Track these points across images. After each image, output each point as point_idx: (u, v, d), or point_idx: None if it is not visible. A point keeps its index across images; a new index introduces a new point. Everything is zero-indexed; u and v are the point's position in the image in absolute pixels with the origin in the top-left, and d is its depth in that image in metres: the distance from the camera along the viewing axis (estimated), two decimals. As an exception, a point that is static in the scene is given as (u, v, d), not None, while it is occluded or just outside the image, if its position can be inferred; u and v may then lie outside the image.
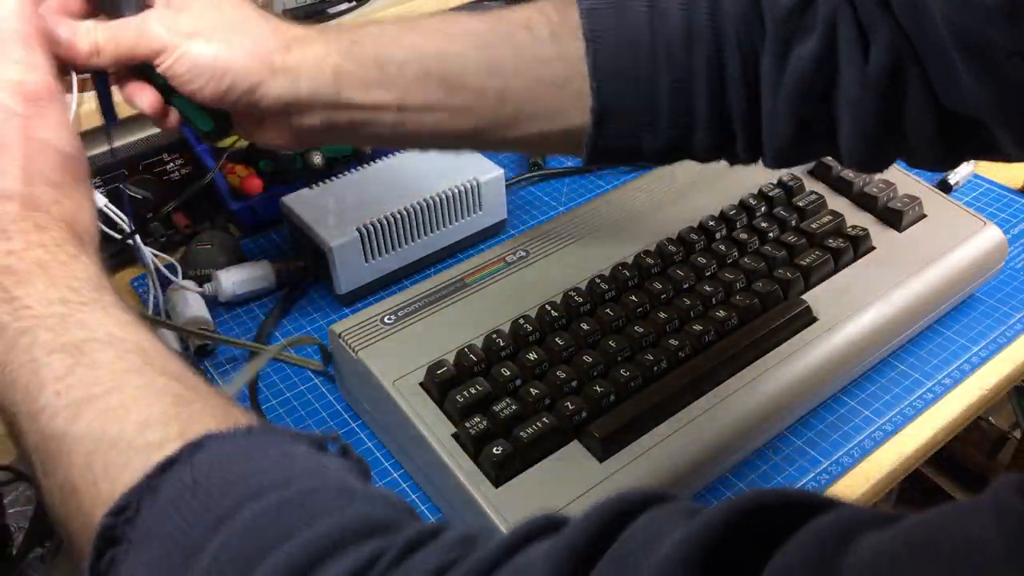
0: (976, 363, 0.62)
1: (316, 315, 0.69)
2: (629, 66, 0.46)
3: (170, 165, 0.72)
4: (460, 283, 0.60)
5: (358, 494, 0.31)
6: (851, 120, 0.43)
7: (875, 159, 0.46)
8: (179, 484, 0.31)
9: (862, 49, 0.42)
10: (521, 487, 0.49)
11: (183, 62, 0.45)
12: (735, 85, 0.45)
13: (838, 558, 0.21)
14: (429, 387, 0.53)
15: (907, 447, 0.57)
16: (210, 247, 0.71)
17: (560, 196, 0.81)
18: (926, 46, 0.41)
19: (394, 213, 0.68)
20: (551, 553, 0.25)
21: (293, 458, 0.33)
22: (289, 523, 0.29)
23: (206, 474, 0.31)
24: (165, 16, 0.46)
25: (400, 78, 0.46)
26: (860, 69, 0.42)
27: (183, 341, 0.66)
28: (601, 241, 0.64)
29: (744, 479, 0.55)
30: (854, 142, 0.44)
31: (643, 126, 0.47)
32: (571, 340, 0.56)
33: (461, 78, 0.46)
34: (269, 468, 0.32)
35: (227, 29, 0.46)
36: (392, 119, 0.47)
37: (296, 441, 0.34)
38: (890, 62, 0.41)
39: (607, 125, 0.47)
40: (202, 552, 0.29)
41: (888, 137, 0.44)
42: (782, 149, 0.47)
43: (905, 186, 0.68)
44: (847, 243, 0.63)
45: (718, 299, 0.59)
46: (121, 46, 0.46)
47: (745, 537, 0.22)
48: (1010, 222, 0.75)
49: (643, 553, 0.23)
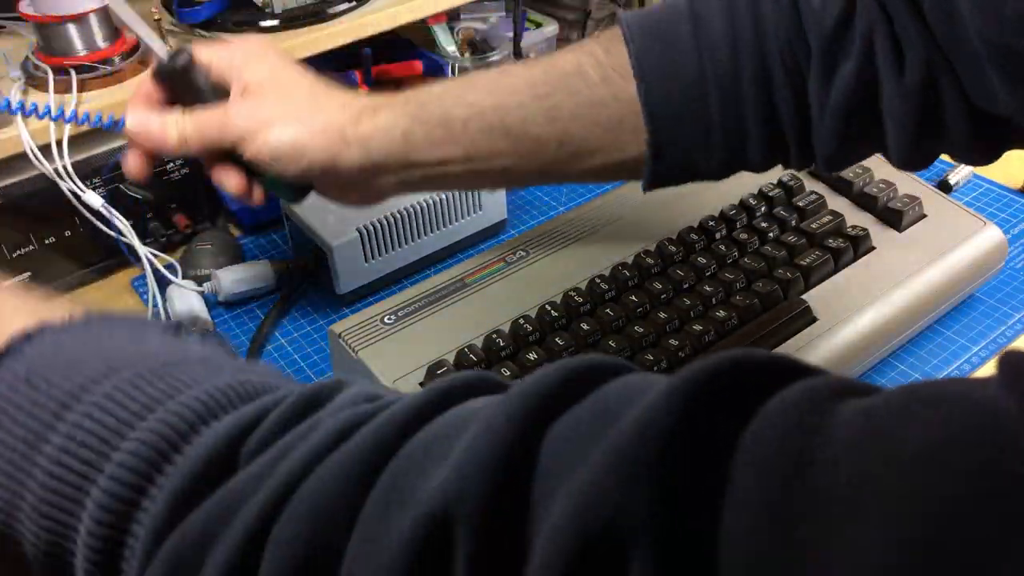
0: (976, 363, 0.62)
1: (316, 315, 0.69)
2: (681, 99, 0.47)
3: (170, 165, 0.72)
4: (460, 283, 0.60)
5: (227, 364, 0.30)
6: (895, 128, 0.45)
7: (920, 160, 0.48)
8: (10, 377, 0.29)
9: (897, 61, 0.44)
10: (521, 487, 0.49)
11: (265, 148, 0.48)
12: (784, 102, 0.47)
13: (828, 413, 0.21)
14: (429, 387, 0.53)
15: (907, 447, 0.57)
16: (210, 247, 0.71)
17: (560, 196, 0.81)
18: (960, 56, 0.42)
19: (394, 213, 0.68)
20: (507, 402, 0.24)
21: (144, 340, 0.32)
22: (150, 395, 0.28)
23: (41, 362, 0.30)
24: (244, 106, 0.49)
25: (465, 135, 0.49)
26: (897, 81, 0.44)
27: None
28: (601, 241, 0.64)
29: (744, 479, 0.55)
30: (899, 148, 0.46)
31: (698, 150, 0.49)
32: (571, 340, 0.56)
33: (522, 128, 0.49)
34: (117, 349, 0.30)
35: (301, 112, 0.49)
36: (461, 170, 0.50)
37: (149, 326, 0.33)
38: (924, 73, 0.43)
39: (664, 156, 0.49)
40: (46, 441, 0.28)
41: (929, 141, 0.46)
42: (832, 157, 0.48)
43: (905, 186, 0.68)
44: (847, 243, 0.63)
45: (718, 299, 0.59)
46: (207, 136, 0.49)
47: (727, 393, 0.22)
48: (1010, 222, 0.75)
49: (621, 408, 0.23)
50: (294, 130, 0.48)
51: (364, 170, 0.49)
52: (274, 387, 0.30)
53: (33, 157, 0.62)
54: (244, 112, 0.49)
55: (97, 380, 0.29)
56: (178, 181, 0.73)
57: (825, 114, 0.46)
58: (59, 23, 0.65)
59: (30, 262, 0.69)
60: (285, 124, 0.48)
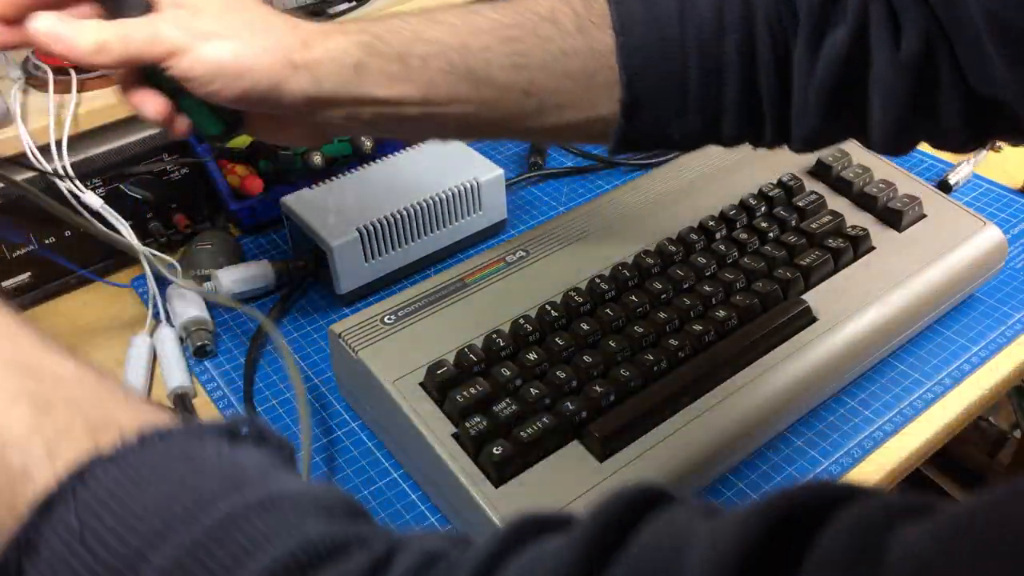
0: (976, 363, 0.62)
1: (316, 315, 0.69)
2: (659, 57, 0.45)
3: (170, 165, 0.72)
4: (460, 283, 0.60)
5: (289, 505, 0.27)
6: (882, 105, 0.43)
7: (903, 142, 0.46)
8: (64, 534, 0.26)
9: (894, 34, 0.42)
10: (521, 487, 0.49)
11: (201, 64, 0.43)
12: (766, 73, 0.45)
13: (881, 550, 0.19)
14: (429, 387, 0.53)
15: (907, 447, 0.57)
16: (210, 247, 0.71)
17: (560, 196, 0.81)
18: (958, 31, 0.40)
19: (394, 213, 0.68)
20: (561, 553, 0.23)
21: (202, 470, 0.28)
22: (214, 566, 0.25)
23: (97, 515, 0.26)
24: (179, 17, 0.44)
25: (423, 73, 0.45)
26: (892, 54, 0.42)
27: (183, 341, 0.66)
28: (601, 241, 0.64)
29: (744, 479, 0.55)
30: (884, 126, 0.44)
31: (672, 115, 0.47)
32: (571, 340, 0.56)
33: (486, 72, 0.46)
34: (174, 494, 0.27)
35: (244, 28, 0.44)
36: (417, 112, 0.46)
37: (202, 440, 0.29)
38: (922, 47, 0.41)
39: (636, 116, 0.47)
40: None
41: (917, 121, 0.44)
42: (811, 135, 0.46)
43: (905, 186, 0.68)
44: (847, 243, 0.63)
45: (718, 299, 0.59)
46: (131, 47, 0.43)
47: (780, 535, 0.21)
48: (1010, 222, 0.75)
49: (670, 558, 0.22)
50: (235, 46, 0.43)
51: (310, 101, 0.45)
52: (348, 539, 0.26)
53: (33, 157, 0.62)
54: (178, 22, 0.44)
55: (155, 544, 0.25)
56: (178, 181, 0.73)
57: (810, 87, 0.44)
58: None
59: (30, 262, 0.69)
60: (224, 39, 0.44)
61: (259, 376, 0.64)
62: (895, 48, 0.42)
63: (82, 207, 0.65)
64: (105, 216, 0.66)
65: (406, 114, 0.46)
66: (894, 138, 0.45)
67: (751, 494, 0.54)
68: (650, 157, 0.83)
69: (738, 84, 0.46)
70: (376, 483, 0.56)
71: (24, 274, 0.69)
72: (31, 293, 0.70)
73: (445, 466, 0.50)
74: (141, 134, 0.71)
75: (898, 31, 0.42)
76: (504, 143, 0.87)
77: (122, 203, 0.69)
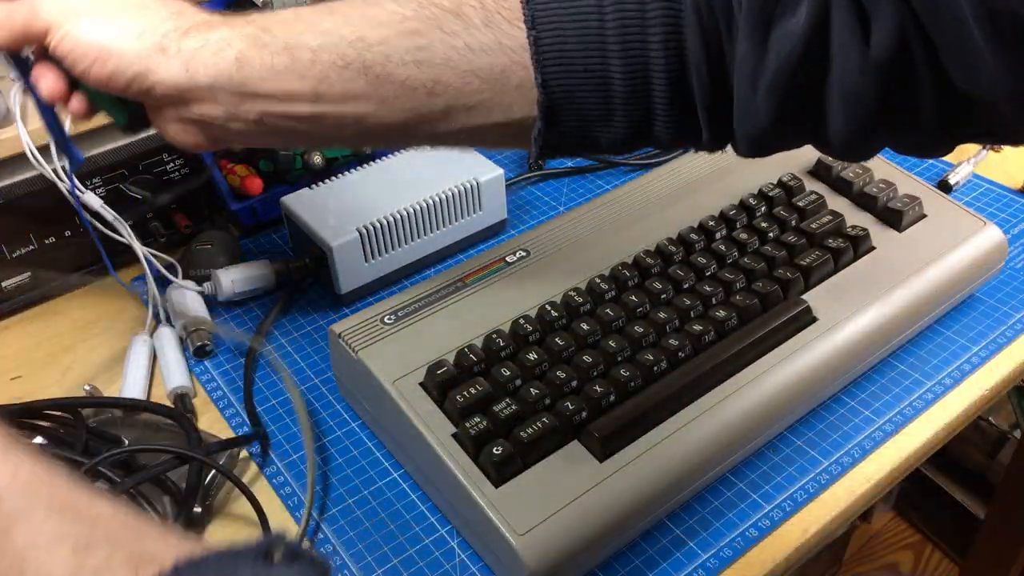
0: (976, 363, 0.62)
1: (316, 315, 0.69)
2: (578, 53, 0.41)
3: (170, 165, 0.72)
4: (460, 283, 0.60)
5: None
6: (845, 108, 0.39)
7: (865, 149, 0.42)
8: None
9: (862, 30, 0.38)
10: (521, 487, 0.49)
11: (66, 42, 0.42)
12: (698, 73, 0.41)
13: None
14: (429, 387, 0.53)
15: (907, 447, 0.57)
16: (210, 247, 0.71)
17: (560, 196, 0.81)
18: (940, 23, 0.36)
19: (394, 213, 0.68)
20: None
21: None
22: None
23: None
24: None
25: (313, 67, 0.43)
26: (860, 53, 0.38)
27: (183, 341, 0.66)
28: (601, 241, 0.64)
29: (744, 479, 0.55)
30: (846, 131, 0.40)
31: (597, 119, 0.43)
32: (571, 340, 0.56)
33: (384, 68, 0.43)
34: None
35: (117, 10, 0.43)
36: (308, 111, 0.44)
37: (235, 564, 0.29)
38: (896, 43, 0.37)
39: (557, 120, 0.43)
40: None
41: (884, 125, 0.40)
42: (759, 138, 0.42)
43: (905, 186, 0.68)
44: (847, 243, 0.63)
45: (718, 299, 0.59)
46: (14, 26, 0.43)
47: None
48: (1010, 222, 0.75)
49: None
50: (102, 28, 0.42)
51: (183, 92, 0.43)
52: None
53: (32, 157, 0.62)
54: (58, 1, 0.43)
55: None
56: (178, 181, 0.73)
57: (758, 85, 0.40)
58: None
59: (30, 262, 0.69)
60: (95, 19, 0.42)
61: (259, 376, 0.64)
62: (864, 46, 0.37)
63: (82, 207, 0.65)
64: (105, 216, 0.66)
65: (296, 112, 0.44)
66: (856, 146, 0.41)
67: (751, 494, 0.54)
68: (650, 157, 0.83)
69: (665, 84, 0.42)
70: (376, 483, 0.56)
71: (24, 274, 0.69)
72: (31, 293, 0.70)
73: (445, 466, 0.50)
74: (141, 134, 0.71)
75: (867, 27, 0.37)
76: (504, 143, 0.87)
77: (122, 203, 0.69)
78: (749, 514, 0.53)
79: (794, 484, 0.55)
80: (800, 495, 0.54)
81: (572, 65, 0.42)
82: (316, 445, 0.59)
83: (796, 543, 0.52)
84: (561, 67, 0.42)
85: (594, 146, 0.45)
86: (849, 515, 0.55)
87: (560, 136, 0.44)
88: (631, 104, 0.42)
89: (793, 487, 0.55)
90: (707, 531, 0.53)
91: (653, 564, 0.51)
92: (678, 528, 0.53)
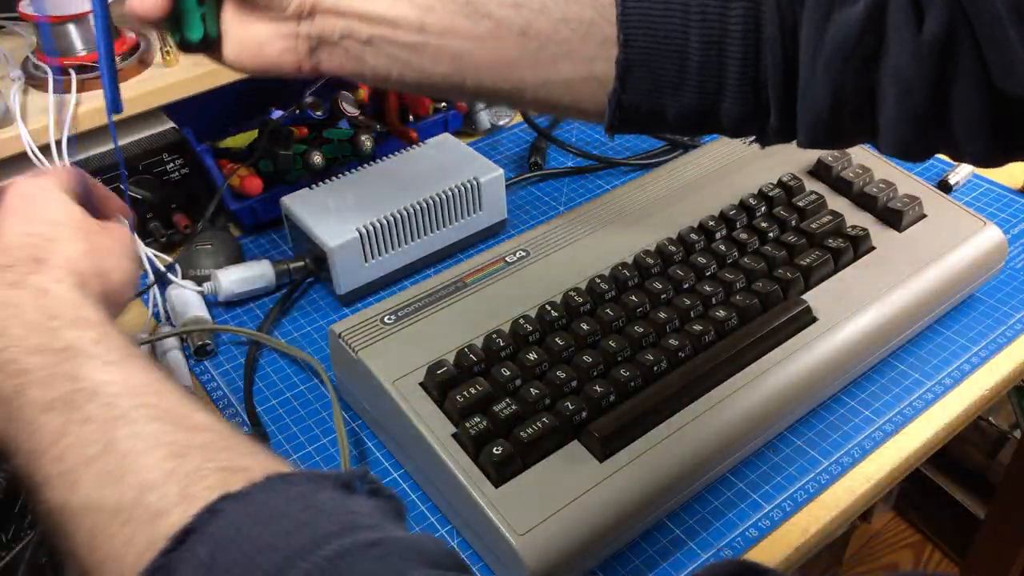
0: (976, 363, 0.62)
1: (316, 315, 0.69)
2: (660, 16, 0.43)
3: (170, 165, 0.72)
4: (460, 283, 0.60)
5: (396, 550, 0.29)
6: (897, 94, 0.40)
7: (918, 142, 0.42)
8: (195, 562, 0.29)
9: (916, 18, 0.39)
10: (521, 487, 0.49)
11: None
12: (771, 49, 0.42)
13: None
14: (429, 387, 0.53)
15: (907, 447, 0.57)
16: (210, 247, 0.71)
17: (560, 196, 0.81)
18: (981, 17, 0.37)
19: (394, 213, 0.68)
20: None
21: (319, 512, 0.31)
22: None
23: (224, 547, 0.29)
24: None
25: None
26: (913, 36, 0.39)
27: (183, 341, 0.66)
28: (600, 241, 0.64)
29: (744, 479, 0.55)
30: (899, 120, 0.41)
31: (668, 85, 0.45)
32: (571, 340, 0.56)
33: (486, 5, 0.46)
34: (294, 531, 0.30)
35: None
36: (412, 40, 0.47)
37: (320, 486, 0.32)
38: (946, 31, 0.38)
39: (631, 80, 0.45)
40: None
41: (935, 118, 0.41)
42: (817, 124, 0.43)
43: (905, 186, 0.68)
44: (847, 243, 0.63)
45: (718, 299, 0.59)
46: None
47: None
48: (1010, 222, 0.75)
49: None
50: None
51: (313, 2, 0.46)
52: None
53: (33, 157, 0.62)
54: None
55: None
56: (178, 181, 0.73)
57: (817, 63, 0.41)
58: (59, 23, 0.65)
59: (30, 262, 0.69)
60: None
61: (259, 376, 0.64)
62: (916, 31, 0.38)
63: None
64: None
65: (401, 40, 0.47)
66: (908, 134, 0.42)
67: (751, 494, 0.54)
68: (650, 157, 0.83)
69: (740, 58, 0.43)
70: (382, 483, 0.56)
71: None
72: (31, 293, 0.70)
73: (445, 466, 0.50)
74: (141, 134, 0.71)
75: (920, 14, 0.39)
76: (504, 143, 0.88)
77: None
78: (749, 514, 0.53)
79: (794, 484, 0.55)
80: (800, 495, 0.54)
81: (653, 27, 0.44)
82: (315, 445, 0.59)
83: (796, 543, 0.52)
84: (642, 28, 0.44)
85: (662, 118, 0.46)
86: (849, 515, 0.55)
87: (631, 98, 0.46)
88: (703, 74, 0.44)
89: (793, 487, 0.55)
90: (707, 531, 0.53)
91: (653, 564, 0.51)
92: (678, 528, 0.53)
